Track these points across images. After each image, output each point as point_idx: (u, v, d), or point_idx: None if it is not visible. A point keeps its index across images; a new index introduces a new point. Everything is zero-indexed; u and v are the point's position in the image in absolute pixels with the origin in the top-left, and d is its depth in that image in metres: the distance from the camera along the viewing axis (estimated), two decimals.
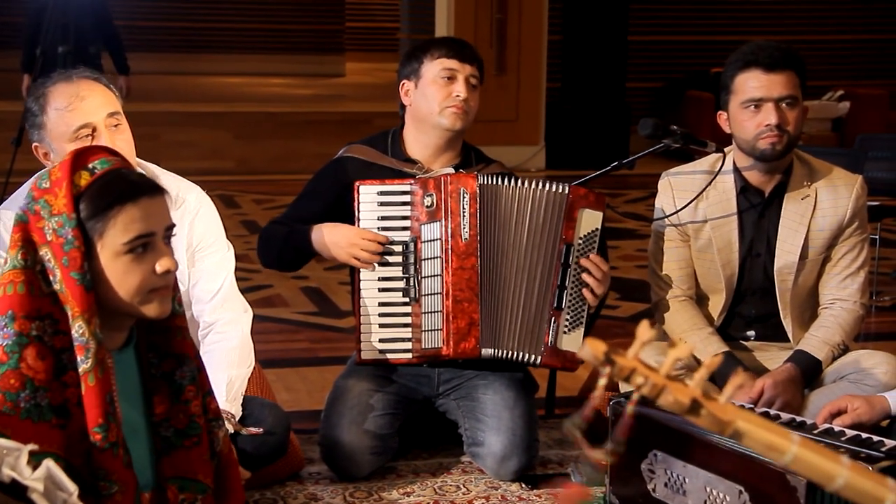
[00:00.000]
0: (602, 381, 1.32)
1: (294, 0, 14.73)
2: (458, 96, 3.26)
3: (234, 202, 8.10)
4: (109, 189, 2.04)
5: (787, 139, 3.11)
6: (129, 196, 2.05)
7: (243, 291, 3.21)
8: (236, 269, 3.15)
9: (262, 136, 9.58)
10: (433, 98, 3.28)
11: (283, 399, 3.79)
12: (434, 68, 3.29)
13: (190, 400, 2.20)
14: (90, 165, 2.06)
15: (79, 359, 2.01)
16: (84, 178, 2.05)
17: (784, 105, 3.10)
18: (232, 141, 9.50)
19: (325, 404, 3.32)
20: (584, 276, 3.16)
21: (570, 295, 3.17)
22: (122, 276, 2.05)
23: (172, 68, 13.46)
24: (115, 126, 2.84)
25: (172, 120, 9.37)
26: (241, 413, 2.97)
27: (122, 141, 2.83)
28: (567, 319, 3.17)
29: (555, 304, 3.17)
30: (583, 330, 3.18)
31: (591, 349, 1.26)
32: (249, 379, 3.06)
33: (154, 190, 2.10)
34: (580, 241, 3.18)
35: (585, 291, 3.16)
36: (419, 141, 3.36)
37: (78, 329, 2.01)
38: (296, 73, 14.01)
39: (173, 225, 2.14)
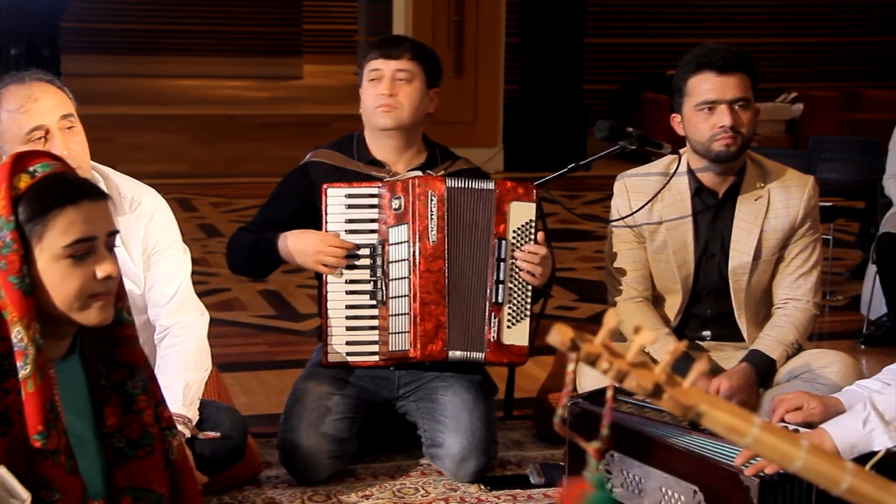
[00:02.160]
0: (570, 367, 1.34)
1: (251, 2, 14.67)
2: (382, 94, 3.27)
3: (191, 205, 8.06)
4: (49, 191, 2.00)
5: (741, 140, 3.14)
6: (70, 199, 2.00)
7: (201, 295, 3.19)
8: (193, 273, 3.14)
9: (218, 139, 9.52)
10: (366, 100, 3.33)
11: (241, 403, 3.78)
12: (366, 70, 3.33)
13: (142, 410, 2.17)
14: (31, 169, 2.02)
15: (18, 365, 1.97)
16: (24, 181, 2.00)
17: (737, 107, 3.13)
18: (188, 144, 9.44)
19: (283, 408, 3.31)
20: (520, 263, 3.18)
21: (509, 289, 3.19)
22: (60, 281, 2.00)
23: (127, 71, 13.35)
24: (69, 129, 2.82)
25: (128, 123, 9.29)
26: (197, 417, 2.95)
27: (76, 143, 2.81)
28: (509, 313, 3.19)
29: (493, 300, 3.19)
30: (527, 322, 3.21)
31: (558, 335, 1.28)
32: (206, 383, 3.05)
33: (96, 194, 2.06)
34: (514, 234, 3.20)
35: (525, 274, 3.18)
36: (376, 143, 3.37)
37: (17, 335, 1.97)
38: (253, 75, 13.95)
39: (116, 231, 2.10)
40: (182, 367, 2.92)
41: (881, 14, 12.00)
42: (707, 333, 3.33)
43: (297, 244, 3.22)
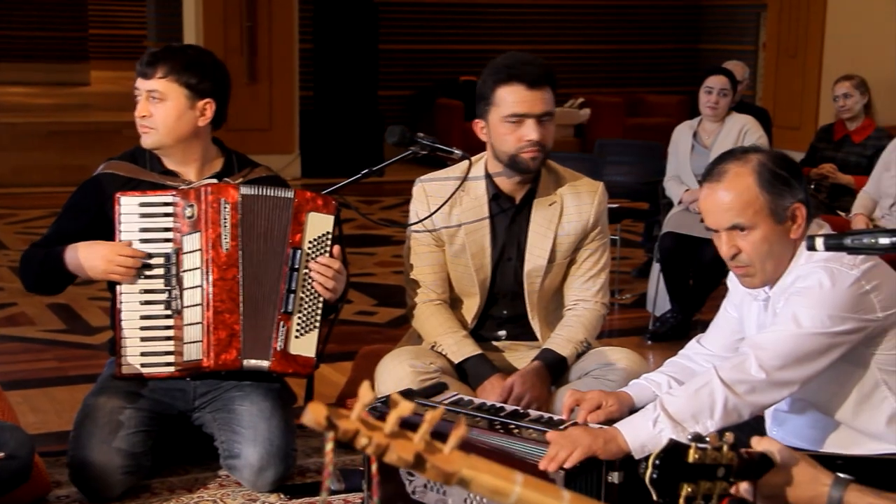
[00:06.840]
0: (329, 447, 1.29)
1: (34, 6, 14.10)
2: (137, 116, 3.25)
3: None
4: None
5: (543, 154, 3.21)
6: None
7: None
8: None
9: (1, 148, 9.14)
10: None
11: (29, 421, 3.65)
12: None
13: None
14: None
15: None
16: None
17: (543, 121, 3.19)
18: None
19: (73, 424, 3.20)
20: (313, 274, 3.18)
21: (300, 299, 3.18)
22: None
23: None
24: None
25: None
26: None
27: None
28: (298, 323, 3.19)
29: (283, 309, 3.17)
30: (316, 333, 3.20)
31: (312, 415, 1.23)
32: None
33: None
34: (310, 245, 3.19)
35: (317, 286, 3.17)
36: (165, 154, 3.31)
37: None
38: (37, 81, 13.43)
39: None
40: None
41: (661, 23, 12.54)
42: (502, 333, 3.40)
43: (86, 256, 3.12)
